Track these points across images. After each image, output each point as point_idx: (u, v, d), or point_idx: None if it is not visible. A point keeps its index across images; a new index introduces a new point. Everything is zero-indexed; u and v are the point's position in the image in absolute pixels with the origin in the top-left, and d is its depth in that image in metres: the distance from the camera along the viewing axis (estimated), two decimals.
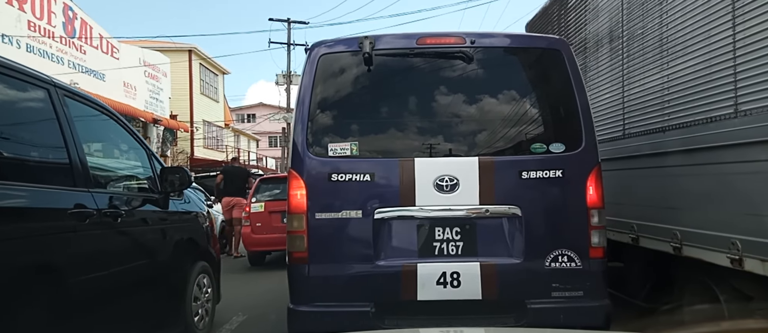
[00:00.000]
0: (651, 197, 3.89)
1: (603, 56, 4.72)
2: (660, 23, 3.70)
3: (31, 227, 2.53)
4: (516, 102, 3.26)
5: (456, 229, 3.07)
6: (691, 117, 3.35)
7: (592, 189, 3.08)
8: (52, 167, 2.88)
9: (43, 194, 2.62)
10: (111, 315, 3.10)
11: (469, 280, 2.99)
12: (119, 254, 3.24)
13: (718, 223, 3.09)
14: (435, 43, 3.21)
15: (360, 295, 3.05)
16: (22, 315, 2.35)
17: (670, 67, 3.60)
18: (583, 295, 3.03)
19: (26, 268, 2.44)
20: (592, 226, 3.07)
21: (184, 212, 4.16)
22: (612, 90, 4.53)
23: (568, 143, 3.11)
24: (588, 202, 3.07)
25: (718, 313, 3.21)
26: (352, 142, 3.12)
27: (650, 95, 3.87)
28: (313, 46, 3.26)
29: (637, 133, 4.07)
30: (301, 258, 3.08)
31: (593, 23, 4.89)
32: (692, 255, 3.36)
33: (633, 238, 4.10)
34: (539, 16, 6.47)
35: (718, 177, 3.14)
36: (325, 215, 3.07)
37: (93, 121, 3.39)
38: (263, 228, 8.45)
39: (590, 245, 3.06)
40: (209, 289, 4.44)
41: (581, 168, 3.08)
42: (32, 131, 2.83)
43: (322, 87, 3.20)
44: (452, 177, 3.03)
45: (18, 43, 14.29)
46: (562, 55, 3.17)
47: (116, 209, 3.14)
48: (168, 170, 3.91)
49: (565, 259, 3.03)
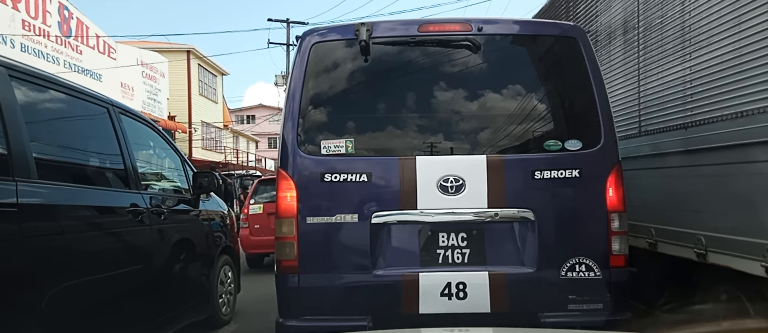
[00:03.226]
0: (671, 199, 3.62)
1: (616, 49, 4.45)
2: (682, 11, 3.43)
3: (105, 221, 3.19)
4: (528, 95, 2.97)
5: (462, 234, 2.81)
6: (718, 112, 3.07)
7: (612, 190, 2.81)
8: (113, 173, 3.48)
9: (110, 195, 3.34)
10: (156, 299, 3.61)
11: (476, 291, 2.72)
12: (163, 246, 3.76)
13: (749, 228, 2.82)
14: (438, 31, 2.93)
15: (356, 308, 2.79)
16: (96, 287, 2.98)
17: (694, 58, 3.33)
18: (602, 308, 2.75)
19: (100, 252, 3.06)
20: (612, 232, 2.79)
21: (211, 211, 4.79)
22: (626, 85, 4.26)
23: (585, 140, 2.84)
24: (608, 204, 2.80)
25: (747, 324, 2.96)
26: (347, 139, 2.86)
27: (670, 90, 3.59)
28: (304, 34, 2.98)
29: (655, 130, 3.80)
30: (291, 267, 2.81)
31: (605, 14, 4.63)
32: (719, 262, 3.09)
33: (651, 243, 3.83)
34: (546, 8, 6.21)
35: (748, 177, 2.87)
36: (318, 219, 2.81)
37: (140, 133, 3.96)
38: (262, 230, 8.29)
39: (611, 252, 2.78)
40: (231, 280, 5.09)
41: (600, 167, 2.82)
42: (98, 143, 3.46)
43: (315, 79, 2.93)
44: (458, 177, 2.77)
45: (12, 43, 14.06)
46: (578, 44, 2.90)
47: (160, 208, 3.74)
48: (199, 174, 4.53)
49: (583, 268, 2.77)
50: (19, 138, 2.52)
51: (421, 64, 2.99)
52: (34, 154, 2.61)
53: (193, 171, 4.60)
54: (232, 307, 5.14)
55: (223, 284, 4.88)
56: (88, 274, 2.90)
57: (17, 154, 2.49)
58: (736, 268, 2.93)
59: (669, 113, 3.61)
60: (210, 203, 4.80)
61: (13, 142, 2.47)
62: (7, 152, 2.45)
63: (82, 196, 3.00)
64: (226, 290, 4.97)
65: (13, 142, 2.48)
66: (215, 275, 4.68)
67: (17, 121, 2.53)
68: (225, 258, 4.94)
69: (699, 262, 3.25)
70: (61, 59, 15.97)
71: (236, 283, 5.23)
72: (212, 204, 4.87)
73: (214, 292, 4.64)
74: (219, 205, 5.09)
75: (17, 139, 2.51)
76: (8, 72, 2.59)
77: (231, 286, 5.08)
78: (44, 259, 2.59)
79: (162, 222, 3.72)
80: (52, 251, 2.64)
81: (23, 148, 2.54)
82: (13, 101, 2.56)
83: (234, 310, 5.18)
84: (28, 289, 2.47)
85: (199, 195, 4.49)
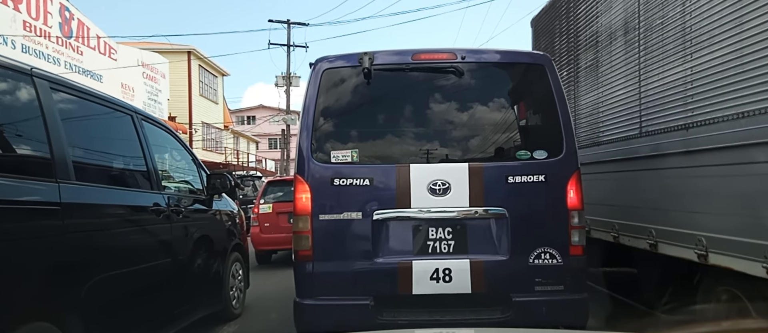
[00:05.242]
0: (672, 200, 3.61)
1: (617, 50, 4.44)
2: (683, 12, 3.43)
3: (131, 219, 3.44)
4: (503, 112, 3.54)
5: (448, 229, 3.30)
6: (719, 112, 3.07)
7: (572, 192, 3.29)
8: (138, 175, 3.74)
9: (135, 195, 3.61)
10: (174, 292, 3.87)
11: (459, 275, 3.22)
12: (180, 243, 4.01)
13: (751, 229, 2.81)
14: (428, 59, 3.44)
15: (360, 290, 3.27)
16: (124, 280, 3.22)
17: (695, 58, 3.32)
18: (563, 289, 3.25)
19: (127, 248, 3.33)
20: (572, 226, 3.27)
21: (223, 210, 5.08)
22: (627, 86, 4.26)
23: (550, 150, 3.32)
24: (568, 204, 3.28)
25: (747, 324, 2.95)
26: (352, 149, 3.36)
27: (671, 90, 3.59)
28: (317, 61, 3.48)
29: (656, 131, 3.79)
30: (306, 256, 3.30)
31: (606, 15, 4.62)
32: (720, 263, 3.09)
33: (651, 244, 3.82)
34: (546, 10, 6.21)
35: (750, 178, 2.86)
36: (328, 217, 3.29)
37: (159, 138, 4.21)
38: (271, 228, 8.82)
39: (570, 243, 3.27)
40: (241, 276, 5.37)
41: (562, 173, 3.30)
42: (124, 148, 3.72)
43: (325, 98, 3.42)
44: (445, 181, 3.26)
45: (13, 44, 14.06)
46: (545, 70, 3.38)
47: (178, 207, 4.00)
48: (212, 175, 4.79)
49: (548, 257, 3.26)
50: (59, 143, 2.78)
51: (414, 87, 3.53)
52: (72, 157, 2.87)
53: (207, 173, 4.86)
54: (242, 302, 5.39)
55: (234, 278, 5.15)
56: (117, 268, 3.16)
57: (58, 158, 2.75)
58: (737, 269, 2.92)
59: (670, 114, 3.60)
60: (222, 203, 5.07)
61: (55, 147, 2.73)
62: (50, 156, 2.70)
63: (111, 195, 3.29)
64: (237, 285, 5.25)
65: (55, 147, 2.74)
66: (227, 271, 4.95)
67: (58, 129, 2.80)
68: (235, 255, 5.21)
69: (700, 263, 3.25)
70: (61, 60, 15.98)
71: (245, 278, 5.51)
72: (224, 204, 5.14)
73: (226, 286, 4.91)
74: (230, 205, 5.36)
75: (58, 145, 2.76)
76: (50, 84, 2.86)
77: (241, 282, 5.37)
78: (82, 253, 2.84)
79: (180, 220, 4.00)
80: (89, 246, 2.91)
81: (63, 152, 2.79)
82: (54, 110, 2.82)
83: (244, 305, 5.41)
84: (70, 281, 2.72)
85: (213, 195, 4.77)
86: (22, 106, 2.72)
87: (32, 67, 2.83)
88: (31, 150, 2.76)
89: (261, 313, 5.48)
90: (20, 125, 2.73)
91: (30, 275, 2.50)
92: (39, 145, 2.71)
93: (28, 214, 2.55)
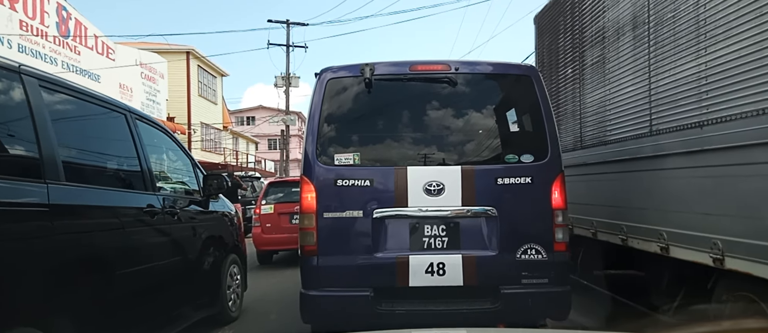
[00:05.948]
0: (684, 201, 3.48)
1: (625, 46, 4.31)
2: (696, 4, 3.29)
3: (124, 221, 3.34)
4: (493, 119, 3.83)
5: (442, 226, 3.54)
6: (737, 109, 2.93)
7: (556, 193, 3.53)
8: (131, 175, 3.68)
9: (128, 196, 3.54)
10: (168, 294, 3.83)
11: (452, 269, 3.46)
12: (175, 245, 3.99)
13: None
14: (424, 70, 3.72)
15: (361, 282, 3.49)
16: (114, 282, 3.16)
17: (709, 53, 3.19)
18: (548, 282, 3.49)
19: (119, 250, 3.23)
20: (556, 224, 3.52)
21: (220, 211, 5.02)
22: (636, 83, 4.12)
23: (536, 154, 3.57)
24: (553, 204, 3.52)
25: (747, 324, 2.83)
26: (354, 153, 3.60)
27: (684, 87, 3.46)
28: (322, 71, 3.74)
29: (667, 129, 3.66)
30: (312, 251, 3.53)
31: (613, 9, 4.49)
32: (736, 268, 2.96)
33: (662, 247, 3.69)
34: (550, 6, 6.07)
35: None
36: (332, 215, 3.52)
37: (155, 137, 4.18)
38: (273, 228, 8.84)
39: (554, 240, 3.51)
40: (238, 278, 5.32)
41: (547, 175, 3.54)
42: (117, 148, 3.66)
43: (329, 106, 3.67)
44: (439, 182, 3.50)
45: (9, 43, 13.94)
46: (532, 81, 3.65)
47: (173, 208, 3.95)
48: (209, 176, 4.76)
49: (533, 252, 3.49)
50: (49, 143, 2.71)
51: (411, 96, 3.78)
52: (61, 158, 2.80)
53: (203, 173, 4.82)
54: (240, 305, 5.33)
55: (231, 280, 5.10)
56: (108, 271, 3.09)
57: (47, 158, 2.68)
58: (755, 274, 2.79)
59: (683, 111, 3.47)
60: (219, 204, 5.03)
61: (44, 147, 2.67)
62: (39, 156, 2.64)
63: (103, 197, 3.22)
64: (234, 288, 5.19)
65: (44, 146, 2.67)
66: (224, 273, 4.91)
67: (47, 128, 2.73)
68: (233, 256, 5.17)
69: (715, 267, 3.12)
70: (58, 60, 15.85)
71: (243, 281, 5.45)
72: (221, 205, 5.09)
73: (222, 289, 4.86)
74: (227, 206, 5.31)
75: (47, 145, 2.70)
76: (39, 82, 2.78)
77: (238, 284, 5.30)
78: (72, 256, 2.78)
79: (175, 222, 3.96)
80: (79, 249, 2.86)
81: (52, 152, 2.72)
82: (43, 109, 2.75)
83: (241, 308, 5.35)
84: (58, 284, 2.65)
85: (209, 196, 4.73)
86: (9, 104, 2.64)
87: (20, 64, 2.74)
88: (19, 150, 2.67)
89: (260, 315, 5.43)
90: (7, 124, 2.63)
91: (17, 279, 2.42)
92: (27, 144, 2.63)
93: (15, 216, 2.46)
